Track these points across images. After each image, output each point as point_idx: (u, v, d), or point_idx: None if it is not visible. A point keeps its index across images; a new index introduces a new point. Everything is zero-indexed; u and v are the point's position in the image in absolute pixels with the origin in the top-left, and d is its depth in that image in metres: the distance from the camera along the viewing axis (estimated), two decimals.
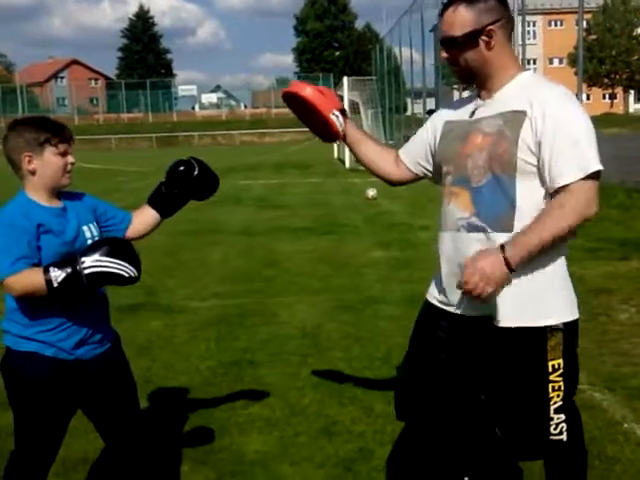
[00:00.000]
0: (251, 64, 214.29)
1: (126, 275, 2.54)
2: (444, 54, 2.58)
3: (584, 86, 14.60)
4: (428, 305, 2.77)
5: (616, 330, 5.62)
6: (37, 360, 2.65)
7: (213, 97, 78.04)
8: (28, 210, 2.63)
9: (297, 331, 5.93)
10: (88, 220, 2.77)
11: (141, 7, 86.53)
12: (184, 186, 2.96)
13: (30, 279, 2.52)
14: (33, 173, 2.66)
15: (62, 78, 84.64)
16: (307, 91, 2.79)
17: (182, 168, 2.94)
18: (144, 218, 2.99)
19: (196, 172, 2.94)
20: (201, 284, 7.83)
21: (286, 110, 3.26)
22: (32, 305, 2.63)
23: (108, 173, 25.04)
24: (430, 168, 2.84)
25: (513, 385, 2.57)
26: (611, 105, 59.91)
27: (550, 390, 2.52)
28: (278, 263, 8.86)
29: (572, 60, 45.66)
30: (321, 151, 30.77)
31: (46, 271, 2.50)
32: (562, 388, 2.53)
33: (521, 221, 2.44)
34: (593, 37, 54.69)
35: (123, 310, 6.55)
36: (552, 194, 2.44)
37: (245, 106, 75.63)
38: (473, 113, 2.60)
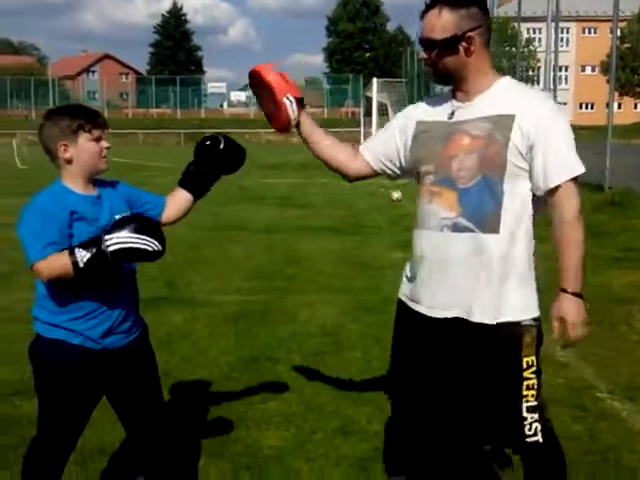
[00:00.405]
0: (281, 63, 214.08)
1: (150, 249, 2.56)
2: (423, 54, 2.65)
3: (616, 95, 14.45)
4: (402, 306, 2.82)
5: (636, 339, 5.58)
6: (64, 348, 2.69)
7: (242, 95, 78.14)
8: (62, 198, 2.67)
9: (317, 329, 5.95)
10: (121, 209, 2.79)
11: (174, 4, 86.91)
12: (213, 161, 2.98)
13: (57, 262, 2.55)
14: (69, 162, 2.70)
15: (94, 72, 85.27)
16: (269, 75, 2.85)
17: (208, 142, 2.98)
18: (177, 202, 3.01)
19: (222, 145, 2.97)
20: (223, 279, 7.87)
21: (314, 110, 3.23)
22: (61, 292, 2.67)
23: (136, 168, 25.19)
24: (391, 166, 2.88)
25: (489, 383, 2.63)
26: None
27: (524, 388, 2.59)
28: (300, 262, 8.88)
29: (605, 68, 45.16)
30: None
31: (71, 253, 2.54)
32: (535, 386, 2.61)
33: (506, 222, 2.55)
34: (627, 46, 54.03)
35: (145, 303, 6.58)
36: (541, 196, 2.56)
37: None
38: (452, 114, 2.65)
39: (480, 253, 2.56)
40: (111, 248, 2.52)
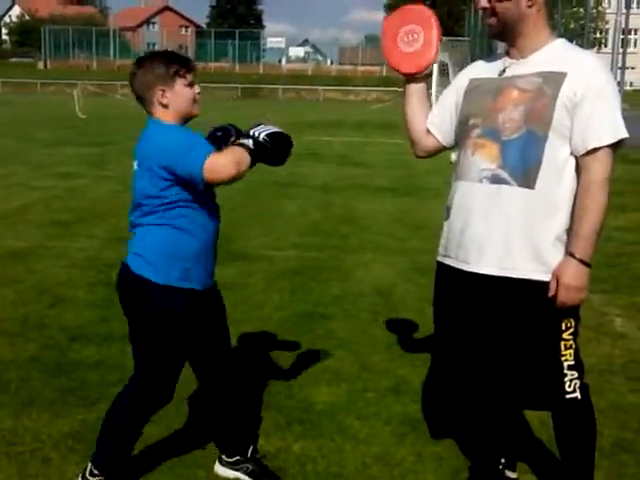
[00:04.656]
0: (341, 19, 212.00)
1: (287, 133, 2.79)
2: (484, 3, 2.61)
3: None
4: (440, 266, 2.85)
5: None
6: (176, 293, 2.75)
7: (300, 51, 77.68)
8: (186, 131, 2.76)
9: (371, 289, 5.95)
10: None
11: None
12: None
13: (233, 150, 2.66)
14: (166, 107, 2.74)
15: (154, 24, 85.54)
16: (435, 19, 2.84)
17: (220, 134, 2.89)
18: None
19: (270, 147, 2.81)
20: (278, 235, 7.91)
21: (373, 68, 3.12)
22: (177, 235, 2.72)
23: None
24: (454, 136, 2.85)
25: (527, 341, 2.65)
26: None
27: (562, 348, 2.63)
28: (355, 221, 8.86)
29: None
30: None
31: (237, 144, 2.69)
32: (573, 346, 2.65)
33: (542, 180, 2.54)
34: None
35: None
36: (578, 157, 2.53)
37: (331, 62, 75.05)
38: (503, 71, 2.66)
39: (512, 206, 2.57)
40: (262, 135, 2.70)
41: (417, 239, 7.76)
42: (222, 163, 2.60)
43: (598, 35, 40.34)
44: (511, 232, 2.59)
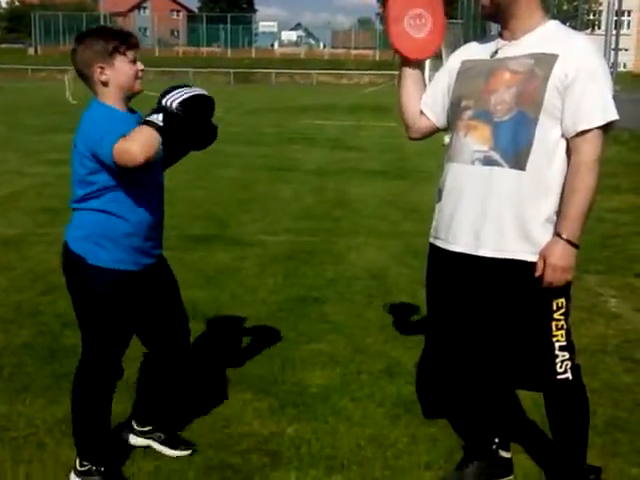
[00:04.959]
0: (334, 3, 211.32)
1: (206, 93, 2.60)
2: None
3: None
4: (434, 249, 2.84)
5: None
6: (110, 273, 2.73)
7: (293, 35, 77.41)
8: (116, 114, 2.68)
9: (364, 272, 5.94)
10: None
11: None
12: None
13: (139, 133, 2.51)
14: (106, 84, 2.68)
15: (144, 9, 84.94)
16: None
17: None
18: None
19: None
20: (272, 219, 7.89)
21: (366, 52, 3.09)
22: (108, 218, 2.69)
23: None
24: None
25: (518, 321, 2.66)
26: None
27: (554, 329, 2.63)
28: (348, 204, 8.84)
29: None
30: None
31: (145, 123, 2.53)
32: (565, 327, 2.65)
33: (533, 161, 2.54)
34: None
35: (194, 241, 6.67)
36: (569, 139, 2.53)
37: (324, 46, 74.74)
38: (495, 53, 2.65)
39: (503, 188, 2.57)
40: (175, 104, 2.52)
41: (409, 222, 7.76)
42: (130, 148, 2.48)
43: (591, 17, 40.21)
44: (502, 213, 2.59)
